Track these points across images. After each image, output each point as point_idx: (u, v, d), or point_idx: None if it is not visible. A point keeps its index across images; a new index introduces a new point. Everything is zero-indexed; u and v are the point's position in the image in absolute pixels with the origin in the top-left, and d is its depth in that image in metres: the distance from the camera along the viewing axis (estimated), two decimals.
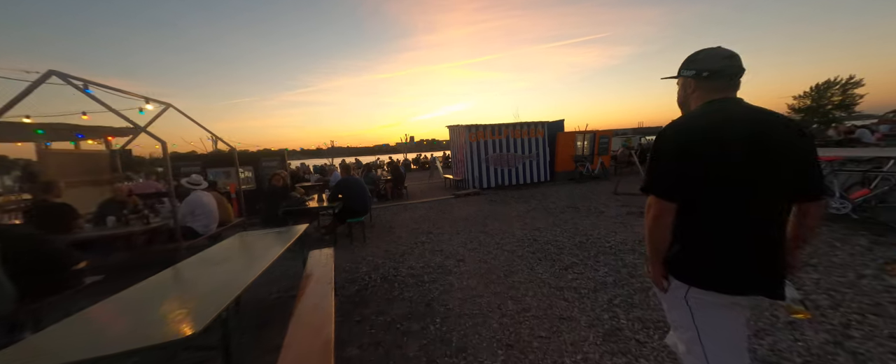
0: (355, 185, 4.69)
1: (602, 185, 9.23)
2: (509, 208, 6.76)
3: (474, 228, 5.26)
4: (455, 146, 10.86)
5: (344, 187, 4.63)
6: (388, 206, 7.93)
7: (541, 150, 10.45)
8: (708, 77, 1.14)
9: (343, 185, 4.65)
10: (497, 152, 9.99)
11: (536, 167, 10.45)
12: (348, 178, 4.73)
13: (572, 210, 6.02)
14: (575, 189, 8.68)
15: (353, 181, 4.72)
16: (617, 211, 5.67)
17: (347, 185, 4.64)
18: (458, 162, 10.61)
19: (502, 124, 9.97)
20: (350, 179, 4.72)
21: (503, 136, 10.02)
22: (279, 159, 7.03)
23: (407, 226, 5.80)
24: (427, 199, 8.69)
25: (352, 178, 4.78)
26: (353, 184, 4.68)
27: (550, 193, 8.24)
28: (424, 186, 11.92)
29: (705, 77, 1.14)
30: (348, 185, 4.64)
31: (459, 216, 6.32)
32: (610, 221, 5.04)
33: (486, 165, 9.88)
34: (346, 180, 4.69)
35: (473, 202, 7.78)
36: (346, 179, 4.71)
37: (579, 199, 7.18)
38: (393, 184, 8.85)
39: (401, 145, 28.65)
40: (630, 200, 6.56)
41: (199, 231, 3.90)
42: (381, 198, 9.04)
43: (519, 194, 8.49)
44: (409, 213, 7.01)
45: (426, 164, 21.86)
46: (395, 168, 9.07)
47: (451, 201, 8.11)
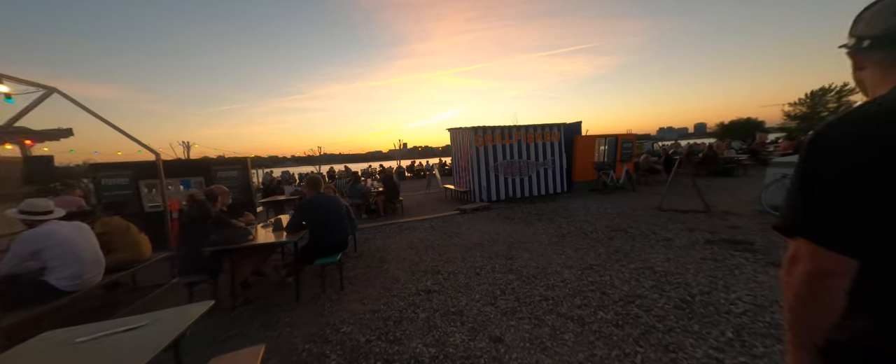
0: (328, 208, 3.18)
1: (632, 197, 7.86)
2: (533, 230, 5.30)
3: (498, 264, 3.78)
4: (458, 152, 9.43)
5: (310, 212, 3.11)
6: (380, 225, 6.41)
7: (557, 156, 9.08)
8: (877, 45, 0.67)
9: (309, 208, 3.13)
10: (507, 159, 8.58)
11: (552, 176, 9.06)
12: (317, 199, 3.20)
13: (622, 235, 4.59)
14: (603, 203, 7.28)
15: (324, 203, 3.19)
16: (688, 238, 4.25)
17: (315, 208, 3.12)
18: (462, 170, 9.16)
19: (513, 126, 8.59)
20: (319, 200, 3.19)
21: (514, 141, 8.63)
22: (240, 168, 5.48)
23: (404, 257, 4.30)
24: (427, 215, 7.20)
25: (323, 197, 3.24)
26: (324, 206, 3.16)
27: (576, 209, 6.82)
28: (421, 198, 10.43)
29: (871, 46, 0.68)
30: (316, 208, 3.12)
31: (472, 242, 4.85)
32: (691, 256, 3.61)
33: (495, 174, 8.46)
34: (314, 202, 3.16)
35: (484, 220, 6.31)
36: (314, 200, 3.18)
37: (619, 217, 5.77)
38: (386, 197, 7.35)
39: (394, 152, 27.15)
40: (688, 220, 5.16)
41: (62, 287, 2.34)
42: (372, 213, 7.52)
43: (537, 209, 7.06)
44: (405, 235, 5.50)
45: (422, 172, 20.37)
46: (388, 178, 7.57)
47: (456, 219, 6.63)
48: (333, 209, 3.20)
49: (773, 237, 3.95)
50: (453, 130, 9.53)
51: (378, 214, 7.32)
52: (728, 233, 4.30)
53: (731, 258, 3.40)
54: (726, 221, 4.94)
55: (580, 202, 7.60)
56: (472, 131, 8.23)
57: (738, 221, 4.86)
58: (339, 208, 3.26)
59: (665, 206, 6.02)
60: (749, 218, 5.02)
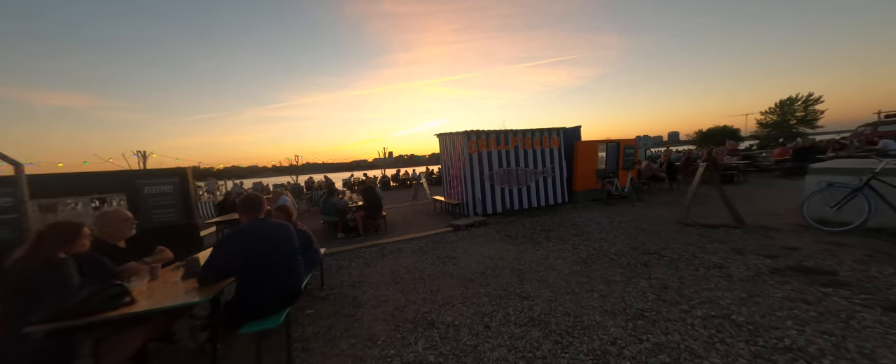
0: (269, 245, 2.08)
1: (640, 209, 7.10)
2: (543, 252, 4.37)
3: (512, 309, 2.81)
4: (448, 159, 8.49)
5: (239, 250, 2.01)
6: (359, 248, 5.33)
7: (556, 163, 8.28)
8: None
9: (237, 244, 2.01)
10: (503, 167, 7.71)
11: (552, 185, 8.24)
12: (253, 231, 2.07)
13: (657, 260, 3.71)
14: (613, 216, 6.46)
15: (265, 235, 2.07)
16: (743, 264, 3.41)
17: (248, 245, 2.02)
18: (454, 179, 8.21)
19: (509, 131, 7.75)
20: (257, 233, 2.07)
21: (510, 147, 7.78)
22: (177, 180, 4.31)
23: (385, 297, 3.26)
24: (414, 233, 6.17)
25: (263, 227, 2.11)
26: (263, 242, 2.05)
27: (586, 223, 5.96)
28: (408, 211, 9.38)
29: None
30: (250, 244, 2.02)
31: (471, 270, 3.86)
32: (767, 294, 2.74)
33: (490, 184, 7.55)
34: (247, 235, 2.04)
35: (482, 239, 5.35)
36: (246, 233, 2.04)
37: (639, 234, 4.92)
38: (366, 212, 6.28)
39: (378, 161, 25.96)
40: (725, 238, 4.36)
41: None
42: (350, 231, 6.43)
43: (541, 224, 6.16)
44: (389, 262, 4.46)
45: (408, 181, 19.28)
46: (369, 191, 6.50)
47: (449, 238, 5.64)
48: (279, 245, 2.12)
49: (856, 263, 3.16)
50: (443, 136, 8.61)
51: (357, 233, 6.23)
52: (790, 256, 3.49)
53: (825, 298, 2.55)
54: (772, 239, 4.16)
55: (587, 215, 6.76)
56: (465, 136, 7.32)
57: (787, 239, 4.09)
58: (287, 243, 2.19)
59: (689, 219, 5.23)
60: (796, 234, 4.27)
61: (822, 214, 4.42)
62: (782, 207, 6.03)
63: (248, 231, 2.06)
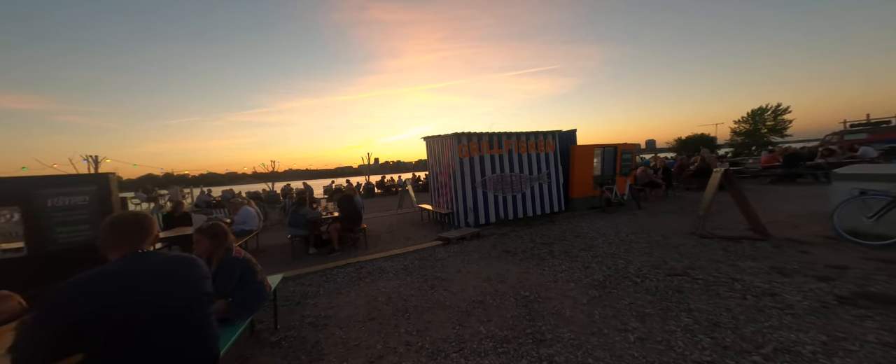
0: (143, 296, 1.19)
1: (642, 217, 6.59)
2: (551, 272, 3.70)
3: (528, 360, 2.10)
4: (436, 164, 7.79)
5: (79, 318, 1.12)
6: (330, 268, 4.50)
7: (552, 169, 7.72)
8: None
9: (71, 307, 1.11)
10: (496, 173, 7.07)
11: (548, 193, 7.65)
12: (111, 277, 1.15)
13: (690, 284, 3.09)
14: (617, 226, 5.89)
15: (135, 279, 1.17)
16: (797, 290, 2.83)
17: (85, 306, 1.09)
18: (442, 186, 7.50)
19: (503, 133, 7.14)
20: (121, 281, 1.15)
21: (504, 151, 7.16)
22: (95, 189, 3.40)
23: (357, 342, 2.49)
24: (398, 248, 5.39)
25: (140, 264, 1.22)
26: (128, 289, 1.16)
27: (591, 235, 5.35)
28: (392, 220, 8.57)
29: None
30: (94, 302, 1.11)
31: (467, 298, 3.13)
32: (849, 333, 2.15)
33: (483, 191, 6.89)
34: (84, 286, 1.11)
35: (477, 255, 4.64)
36: (87, 281, 1.12)
37: (655, 248, 4.34)
38: (343, 225, 5.46)
39: (363, 167, 24.83)
40: (755, 254, 3.82)
41: None
42: (324, 246, 5.58)
43: (541, 236, 5.51)
44: (365, 288, 3.67)
45: (393, 188, 18.41)
46: (346, 200, 5.67)
47: (438, 254, 4.89)
48: (167, 294, 1.28)
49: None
50: (430, 139, 7.91)
51: (332, 248, 5.39)
52: (846, 279, 2.94)
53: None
54: (808, 255, 3.64)
55: (589, 225, 6.18)
56: (454, 139, 6.65)
57: (826, 255, 3.58)
58: (184, 289, 1.35)
59: (705, 230, 4.70)
60: (832, 249, 3.78)
61: (854, 225, 3.97)
62: (795, 216, 5.63)
63: (95, 279, 1.20)
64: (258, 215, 5.91)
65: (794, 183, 10.83)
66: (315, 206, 6.75)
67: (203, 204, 11.29)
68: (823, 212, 5.75)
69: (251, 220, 5.52)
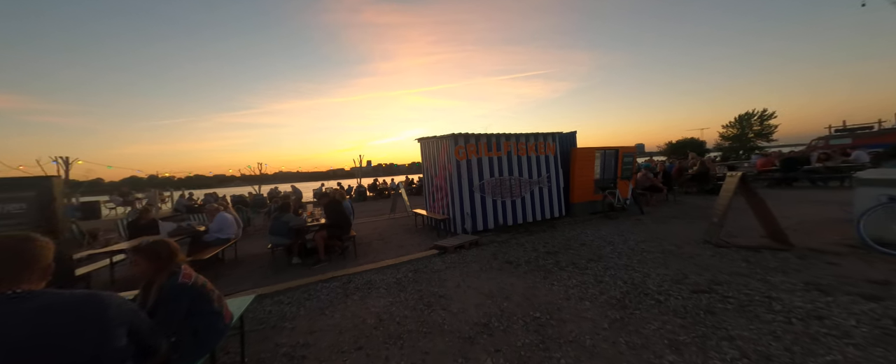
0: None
1: (647, 223, 6.29)
2: (561, 288, 3.32)
3: None
4: (430, 167, 7.39)
5: None
6: (314, 282, 4.04)
7: (553, 172, 7.39)
8: None
9: None
10: (495, 176, 6.70)
11: (548, 197, 7.31)
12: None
13: (719, 303, 2.74)
14: (623, 233, 5.57)
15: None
16: (850, 313, 2.49)
17: None
18: (438, 190, 7.09)
19: (502, 135, 6.79)
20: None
21: (503, 153, 6.80)
22: (35, 192, 2.90)
23: None
24: (391, 258, 4.95)
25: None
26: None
27: (597, 243, 5.00)
28: (384, 226, 8.11)
29: None
30: None
31: (472, 321, 2.73)
32: None
33: (480, 195, 6.50)
34: None
35: (477, 266, 4.24)
36: None
37: (670, 259, 4.00)
38: (330, 233, 4.99)
39: (355, 170, 24.11)
40: (782, 265, 3.51)
41: None
42: (309, 256, 5.11)
43: (544, 244, 5.14)
44: (353, 307, 3.23)
45: (386, 191, 17.91)
46: (334, 206, 5.21)
47: (434, 264, 4.48)
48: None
49: None
50: (425, 140, 7.51)
51: (318, 259, 4.92)
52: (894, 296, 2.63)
53: None
54: (839, 267, 3.34)
55: (593, 232, 5.84)
56: (451, 141, 6.26)
57: (860, 268, 3.28)
58: (77, 356, 0.94)
59: (721, 239, 4.38)
60: (864, 260, 3.48)
61: (881, 234, 3.69)
62: (804, 222, 5.39)
63: None
64: (237, 222, 5.41)
65: (791, 187, 10.76)
66: (301, 211, 6.27)
67: (183, 208, 10.65)
68: (834, 217, 5.56)
69: (228, 227, 5.02)
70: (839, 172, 10.29)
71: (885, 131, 26.18)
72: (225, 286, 4.11)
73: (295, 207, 5.72)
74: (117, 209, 12.86)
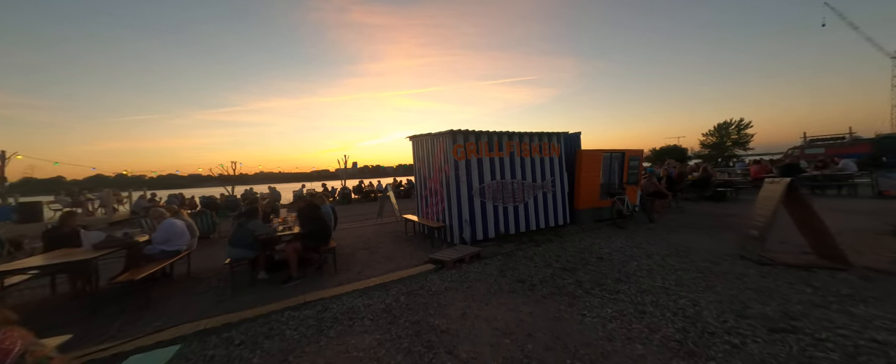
0: None
1: (662, 233, 5.73)
2: (596, 321, 2.63)
3: None
4: (423, 168, 6.62)
5: None
6: (281, 311, 3.20)
7: (557, 176, 6.77)
8: None
9: None
10: (497, 179, 6.00)
11: (552, 203, 6.67)
12: None
13: (817, 349, 2.10)
14: (641, 244, 4.97)
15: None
16: None
17: None
18: (432, 194, 6.32)
19: (504, 133, 6.11)
20: None
21: (505, 154, 6.12)
22: None
23: None
24: (378, 275, 4.14)
25: None
26: None
27: (619, 259, 4.36)
28: (370, 233, 7.27)
29: None
30: None
31: None
32: None
33: (481, 200, 5.79)
34: None
35: (484, 288, 3.50)
36: None
37: (719, 281, 3.38)
38: (305, 244, 4.14)
39: (340, 171, 22.77)
40: (853, 290, 2.93)
41: None
42: (278, 270, 4.24)
43: (556, 258, 4.46)
44: (327, 352, 2.42)
45: (372, 193, 16.96)
46: (310, 212, 4.35)
47: (432, 284, 3.71)
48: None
49: None
50: (418, 139, 6.75)
51: (289, 276, 4.06)
52: None
53: None
54: None
55: (607, 243, 5.21)
56: (449, 138, 5.52)
57: None
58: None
59: (764, 254, 3.81)
60: None
61: None
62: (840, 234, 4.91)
63: None
64: (191, 229, 4.48)
65: None
66: (273, 217, 5.38)
67: (142, 210, 9.45)
68: (868, 228, 5.04)
69: (177, 236, 4.10)
70: (836, 180, 10.18)
71: (856, 141, 27.30)
72: (157, 315, 3.21)
73: (266, 212, 4.84)
74: (64, 211, 11.36)
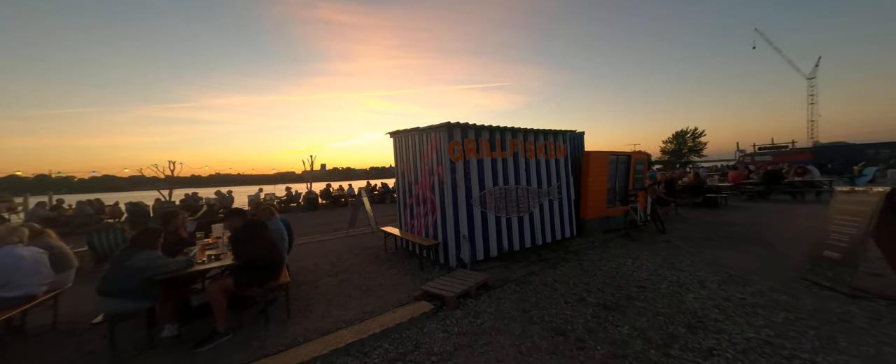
0: None
1: (683, 248, 4.97)
2: None
3: None
4: (411, 170, 5.39)
5: None
6: None
7: (564, 181, 5.85)
8: None
9: None
10: (499, 184, 4.94)
11: (558, 212, 5.73)
12: None
13: None
14: (680, 266, 4.12)
15: None
16: None
17: None
18: (421, 202, 5.10)
19: (506, 129, 5.07)
20: None
21: (509, 154, 5.09)
22: None
23: None
24: (350, 327, 2.87)
25: None
26: None
27: (666, 289, 3.43)
28: (339, 250, 5.89)
29: None
30: None
31: None
32: None
33: (481, 211, 4.69)
34: None
35: (507, 341, 2.37)
36: None
37: (829, 329, 2.52)
38: (240, 281, 2.79)
39: (307, 174, 20.70)
40: None
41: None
42: (193, 319, 2.83)
43: (583, 286, 3.45)
44: None
45: (343, 198, 15.30)
46: (250, 232, 2.97)
47: (432, 341, 2.52)
48: None
49: None
50: (402, 135, 5.53)
51: (213, 330, 2.67)
52: None
53: None
54: None
55: (632, 262, 4.31)
56: (445, 133, 4.38)
57: None
58: None
59: (856, 286, 3.02)
60: None
61: None
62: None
63: None
64: (59, 259, 2.94)
65: (768, 200, 10.62)
66: (201, 237, 3.91)
67: (39, 220, 7.31)
68: None
69: (26, 275, 2.57)
70: (814, 186, 10.31)
71: (798, 150, 29.90)
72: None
73: (179, 226, 3.39)
74: None
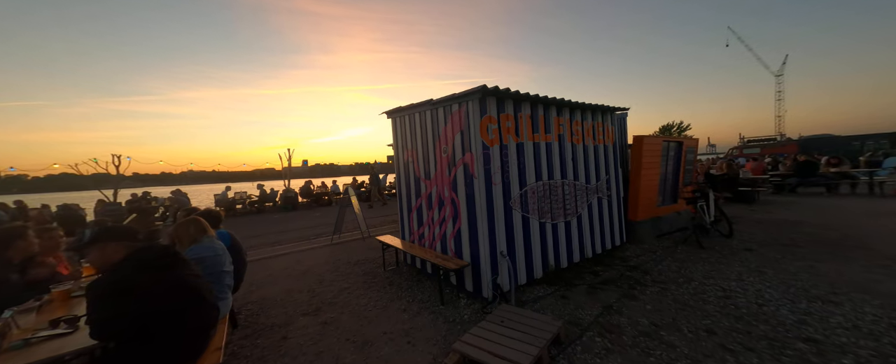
0: None
1: (778, 261, 3.79)
2: None
3: None
4: (417, 162, 3.92)
5: None
6: None
7: (612, 174, 4.56)
8: None
9: None
10: (543, 179, 3.57)
11: (607, 215, 4.44)
12: None
13: None
14: (800, 292, 2.88)
15: None
16: None
17: None
18: (434, 207, 3.65)
19: (551, 99, 3.68)
20: None
21: (553, 137, 3.72)
22: None
23: None
24: None
25: None
26: None
27: (837, 342, 2.16)
28: (321, 266, 4.40)
29: None
30: None
31: None
32: None
33: (522, 215, 3.31)
34: None
35: None
36: None
37: None
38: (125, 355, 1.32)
39: (286, 170, 18.64)
40: None
41: None
42: None
43: (704, 330, 2.14)
44: None
45: (326, 196, 13.62)
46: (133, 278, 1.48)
47: None
48: None
49: None
50: (404, 113, 4.05)
51: None
52: None
53: None
54: None
55: (735, 285, 3.06)
56: (477, 104, 2.95)
57: None
58: None
59: None
60: None
61: None
62: None
63: None
64: None
65: (796, 193, 9.77)
66: (65, 261, 2.40)
67: None
68: None
69: None
70: (849, 178, 9.49)
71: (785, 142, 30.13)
72: None
73: (36, 253, 1.89)
74: None
